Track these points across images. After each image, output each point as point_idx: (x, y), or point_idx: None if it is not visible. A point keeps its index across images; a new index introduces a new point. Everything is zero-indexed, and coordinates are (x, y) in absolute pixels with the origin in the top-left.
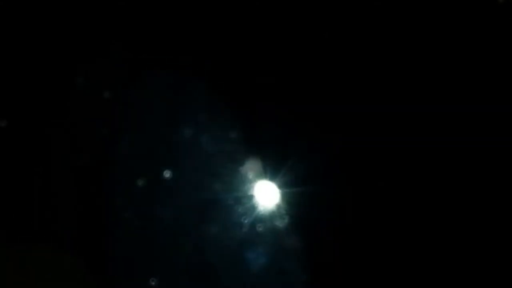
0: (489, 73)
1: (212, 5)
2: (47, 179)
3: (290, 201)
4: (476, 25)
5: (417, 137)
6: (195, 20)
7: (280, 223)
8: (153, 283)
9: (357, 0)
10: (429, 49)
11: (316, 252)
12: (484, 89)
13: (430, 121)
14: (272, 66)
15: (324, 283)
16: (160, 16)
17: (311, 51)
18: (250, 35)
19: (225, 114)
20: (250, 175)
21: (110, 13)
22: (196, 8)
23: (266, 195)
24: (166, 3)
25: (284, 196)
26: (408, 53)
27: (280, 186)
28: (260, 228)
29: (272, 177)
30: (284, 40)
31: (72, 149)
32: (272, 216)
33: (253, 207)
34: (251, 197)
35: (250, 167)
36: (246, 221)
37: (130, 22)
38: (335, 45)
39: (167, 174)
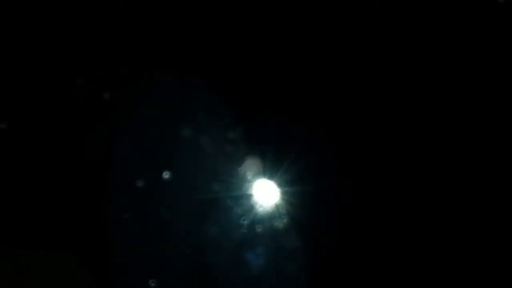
0: (489, 73)
1: (212, 5)
2: (47, 180)
3: (290, 199)
4: (476, 25)
5: (417, 137)
6: (196, 20)
7: (280, 222)
8: (152, 285)
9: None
10: (429, 50)
11: (316, 252)
12: (484, 89)
13: (430, 120)
14: (272, 66)
15: (324, 283)
16: (161, 16)
17: (310, 51)
18: (250, 36)
19: (225, 113)
20: (250, 174)
21: (110, 13)
22: (196, 8)
23: (266, 194)
24: (166, 3)
25: (284, 195)
26: (408, 53)
27: (279, 185)
28: (259, 227)
29: (271, 176)
30: (283, 40)
31: (73, 150)
32: (271, 215)
33: (253, 206)
34: (250, 196)
35: (250, 166)
36: (245, 221)
37: (130, 22)
38: (334, 45)
39: (166, 174)
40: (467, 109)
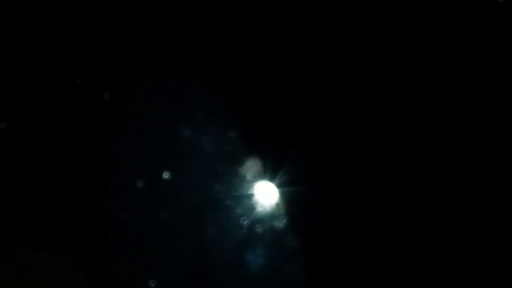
0: (489, 73)
1: (212, 5)
2: (47, 180)
3: (290, 200)
4: (476, 25)
5: (417, 136)
6: (195, 20)
7: (280, 223)
8: (152, 285)
9: (357, 2)
10: (429, 50)
11: (316, 252)
12: (484, 90)
13: (431, 119)
14: (272, 67)
15: (324, 283)
16: (160, 16)
17: (311, 52)
18: (251, 35)
19: (225, 113)
20: (250, 174)
21: (110, 13)
22: (196, 8)
23: (266, 194)
24: (166, 3)
25: (284, 196)
26: (407, 54)
27: (279, 185)
28: (259, 228)
29: (272, 176)
30: (284, 40)
31: (73, 150)
32: (271, 216)
33: (253, 206)
34: (250, 196)
35: (250, 166)
36: (245, 221)
37: (130, 22)
38: (334, 46)
39: (166, 174)
40: (467, 110)
